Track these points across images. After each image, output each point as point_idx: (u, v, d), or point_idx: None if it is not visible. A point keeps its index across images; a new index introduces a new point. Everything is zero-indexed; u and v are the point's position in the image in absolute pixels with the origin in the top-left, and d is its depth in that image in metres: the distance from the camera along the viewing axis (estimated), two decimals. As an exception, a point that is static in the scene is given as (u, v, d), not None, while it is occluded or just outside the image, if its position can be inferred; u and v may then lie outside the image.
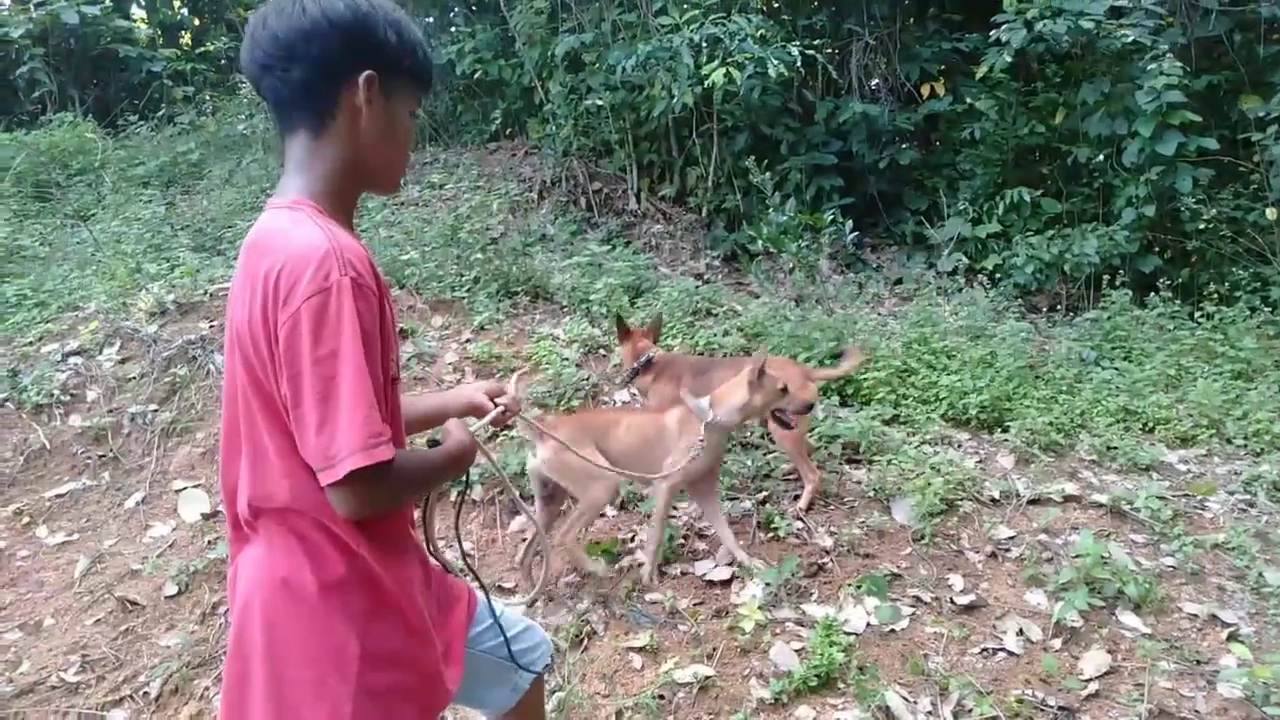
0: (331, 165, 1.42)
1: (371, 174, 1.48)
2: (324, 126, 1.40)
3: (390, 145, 1.46)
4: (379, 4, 1.40)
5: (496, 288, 5.56)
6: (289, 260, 1.28)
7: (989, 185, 7.02)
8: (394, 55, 1.41)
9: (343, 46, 1.37)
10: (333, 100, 1.39)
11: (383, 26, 1.39)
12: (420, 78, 1.48)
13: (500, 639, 1.79)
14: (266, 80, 1.40)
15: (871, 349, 4.75)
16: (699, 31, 6.40)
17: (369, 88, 1.39)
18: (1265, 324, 5.34)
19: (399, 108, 1.45)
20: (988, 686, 2.75)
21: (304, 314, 1.25)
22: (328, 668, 1.39)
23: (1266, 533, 3.43)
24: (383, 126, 1.43)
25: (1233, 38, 6.81)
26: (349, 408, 1.25)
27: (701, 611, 3.18)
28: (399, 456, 1.32)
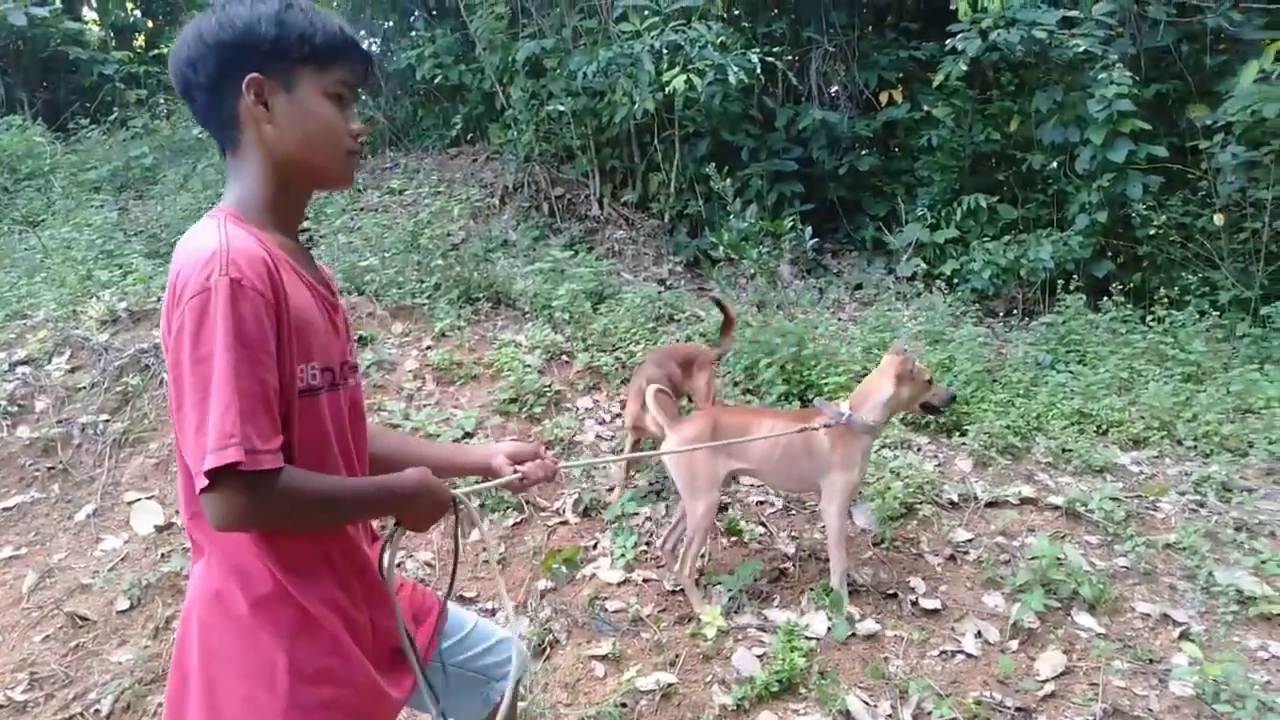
0: (253, 176, 1.40)
1: (304, 176, 1.44)
2: (236, 141, 1.39)
3: (312, 138, 1.40)
4: (260, 7, 1.35)
5: (458, 294, 5.52)
6: (182, 265, 1.26)
7: (946, 191, 7.13)
8: (279, 49, 1.35)
9: (222, 61, 1.34)
10: (231, 115, 1.37)
11: (258, 24, 1.34)
12: (327, 59, 1.39)
13: (472, 651, 1.77)
14: (191, 109, 1.43)
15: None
16: (660, 38, 6.42)
17: (254, 91, 1.35)
18: (1214, 327, 5.47)
19: (308, 97, 1.39)
20: (946, 689, 2.78)
21: (187, 315, 1.22)
22: (258, 683, 1.37)
23: (1216, 532, 3.51)
24: (291, 124, 1.38)
25: (1180, 48, 6.98)
26: (217, 410, 1.20)
27: (664, 618, 3.18)
28: (293, 474, 1.27)
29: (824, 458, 3.08)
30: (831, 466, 3.08)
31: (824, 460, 3.09)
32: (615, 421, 4.57)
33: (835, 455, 3.07)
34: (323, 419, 1.39)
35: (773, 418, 3.33)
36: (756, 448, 3.13)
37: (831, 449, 3.08)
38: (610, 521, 3.72)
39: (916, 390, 3.11)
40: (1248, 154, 5.87)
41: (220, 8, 1.36)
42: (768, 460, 3.16)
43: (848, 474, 3.07)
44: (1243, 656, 2.84)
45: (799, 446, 3.10)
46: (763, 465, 3.18)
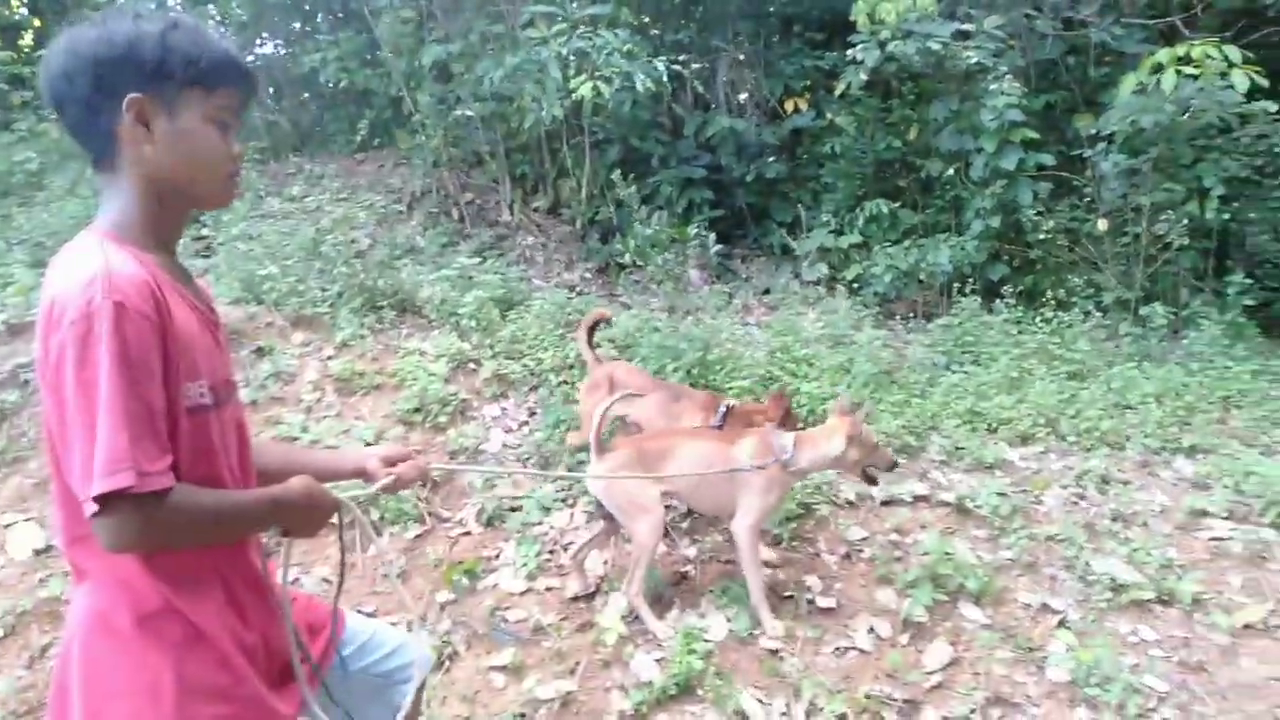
0: (129, 195, 1.38)
1: (182, 197, 1.43)
2: (111, 159, 1.37)
3: (191, 160, 1.39)
4: (145, 21, 1.34)
5: (361, 302, 5.41)
6: (61, 288, 1.25)
7: (850, 198, 7.30)
8: (163, 70, 1.33)
9: (100, 77, 1.32)
10: (107, 132, 1.35)
11: (142, 44, 1.32)
12: (212, 83, 1.38)
13: (373, 657, 1.78)
14: (62, 121, 1.39)
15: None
16: (566, 45, 6.42)
17: (135, 112, 1.33)
18: (1097, 327, 5.74)
19: (191, 120, 1.37)
20: (839, 684, 2.85)
21: (69, 339, 1.22)
22: (144, 700, 1.35)
23: (1094, 523, 3.68)
24: (172, 147, 1.37)
25: (1067, 61, 7.31)
26: (105, 433, 1.20)
27: (565, 626, 3.19)
28: (182, 491, 1.27)
29: (744, 479, 3.09)
30: (751, 488, 3.09)
31: (743, 481, 3.09)
32: (522, 429, 4.55)
33: (757, 478, 3.07)
34: (211, 436, 1.40)
35: (695, 438, 3.32)
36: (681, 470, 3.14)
37: (753, 477, 3.08)
38: (515, 530, 3.71)
39: (863, 454, 3.08)
40: (1128, 162, 6.17)
41: (101, 21, 1.33)
42: (691, 483, 3.16)
43: (765, 498, 3.08)
44: (1114, 641, 3.00)
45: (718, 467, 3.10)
46: (686, 486, 3.18)
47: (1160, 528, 3.68)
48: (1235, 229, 6.29)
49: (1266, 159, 6.09)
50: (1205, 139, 6.07)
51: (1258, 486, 3.77)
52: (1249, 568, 3.41)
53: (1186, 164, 6.07)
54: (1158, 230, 6.05)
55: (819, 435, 3.13)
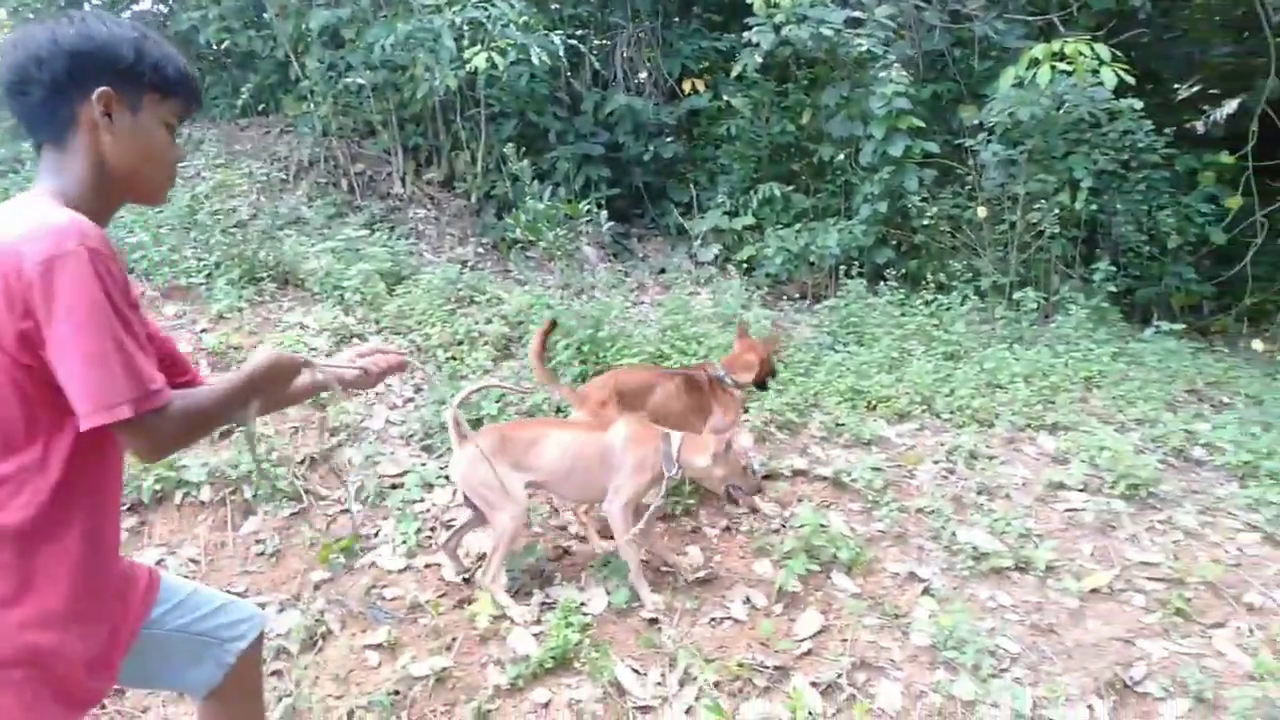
0: (76, 176, 1.50)
1: (125, 187, 1.56)
2: (65, 142, 1.49)
3: (142, 158, 1.54)
4: (118, 25, 1.50)
5: (239, 274, 5.21)
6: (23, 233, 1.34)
7: (745, 180, 7.41)
8: (133, 71, 1.49)
9: (73, 67, 1.45)
10: (70, 117, 1.47)
11: (117, 45, 1.47)
12: (170, 91, 1.55)
13: (192, 616, 1.78)
14: (12, 103, 1.50)
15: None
16: (461, 14, 6.28)
17: (103, 104, 1.47)
18: (974, 310, 5.99)
19: (149, 120, 1.53)
20: (713, 653, 2.90)
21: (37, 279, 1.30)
22: None
23: (961, 496, 3.85)
24: (129, 140, 1.51)
25: (953, 53, 7.57)
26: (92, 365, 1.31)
27: (444, 604, 3.15)
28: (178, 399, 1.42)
29: (616, 463, 3.09)
30: (620, 470, 3.09)
31: (614, 464, 3.10)
32: (407, 406, 4.46)
33: (627, 460, 3.08)
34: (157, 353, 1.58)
35: (561, 428, 3.30)
36: (547, 460, 3.10)
37: (624, 453, 3.09)
38: (396, 506, 3.64)
39: (729, 472, 3.11)
40: (1006, 152, 6.43)
41: (80, 20, 1.48)
42: (558, 472, 3.12)
43: (637, 478, 3.08)
44: (974, 607, 3.14)
45: (592, 457, 3.10)
46: (553, 477, 3.13)
47: (1022, 500, 3.87)
48: (1102, 219, 6.66)
49: (1131, 154, 6.46)
50: (1077, 133, 6.38)
51: (1110, 461, 4.01)
52: (1099, 536, 3.62)
53: (1059, 156, 6.37)
54: (1032, 219, 6.34)
55: (695, 443, 3.15)
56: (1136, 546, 3.55)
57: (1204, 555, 3.46)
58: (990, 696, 2.68)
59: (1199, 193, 6.84)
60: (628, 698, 2.71)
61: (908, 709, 2.70)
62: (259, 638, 1.94)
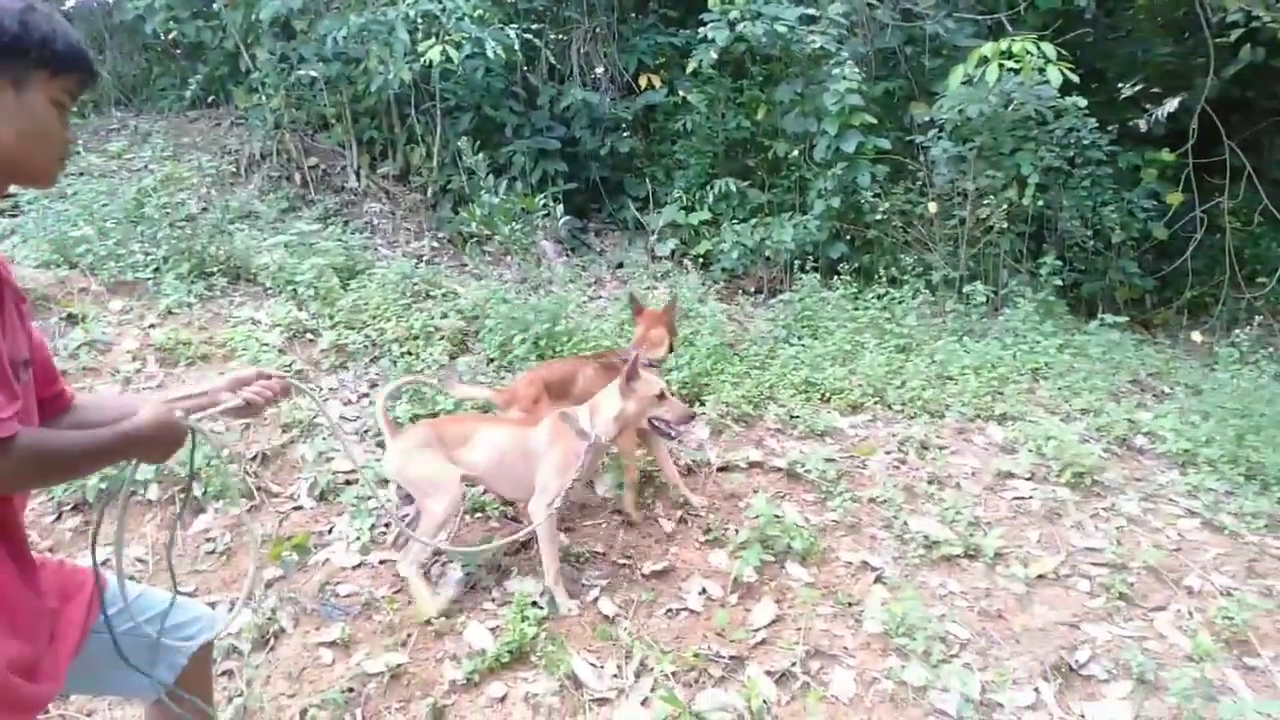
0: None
1: (10, 170, 1.45)
2: None
3: (32, 138, 1.43)
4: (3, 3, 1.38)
5: (189, 268, 5.11)
6: None
7: (702, 175, 7.44)
8: (20, 48, 1.38)
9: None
10: None
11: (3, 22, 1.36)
12: (57, 67, 1.43)
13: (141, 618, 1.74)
14: None
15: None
16: (415, 7, 6.22)
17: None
18: (925, 304, 6.09)
19: (35, 99, 1.42)
20: (669, 645, 2.92)
21: None
22: None
23: (912, 485, 3.91)
24: (16, 120, 1.40)
25: (905, 50, 7.67)
26: None
27: (399, 599, 3.13)
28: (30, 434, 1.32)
29: (539, 457, 3.07)
30: (545, 465, 3.06)
31: (539, 458, 3.08)
32: (361, 402, 4.42)
33: (551, 456, 3.06)
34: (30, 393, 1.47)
35: (492, 424, 3.29)
36: (479, 456, 3.09)
37: (550, 447, 3.07)
38: (350, 503, 3.60)
39: (644, 405, 3.04)
40: (956, 149, 6.55)
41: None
42: (489, 468, 3.12)
43: (562, 476, 3.03)
44: (924, 594, 3.20)
45: (517, 451, 3.09)
46: (485, 473, 3.14)
47: (971, 489, 3.95)
48: (1049, 215, 6.80)
49: (1076, 150, 6.61)
50: (1024, 130, 6.51)
51: (1056, 450, 4.11)
52: (1045, 523, 3.71)
53: (1007, 153, 6.49)
54: (981, 214, 6.46)
55: (600, 397, 3.11)
56: (1081, 533, 3.64)
57: (1146, 541, 3.56)
58: (940, 681, 2.74)
59: (1141, 189, 7.03)
60: (584, 690, 2.72)
61: (860, 695, 2.75)
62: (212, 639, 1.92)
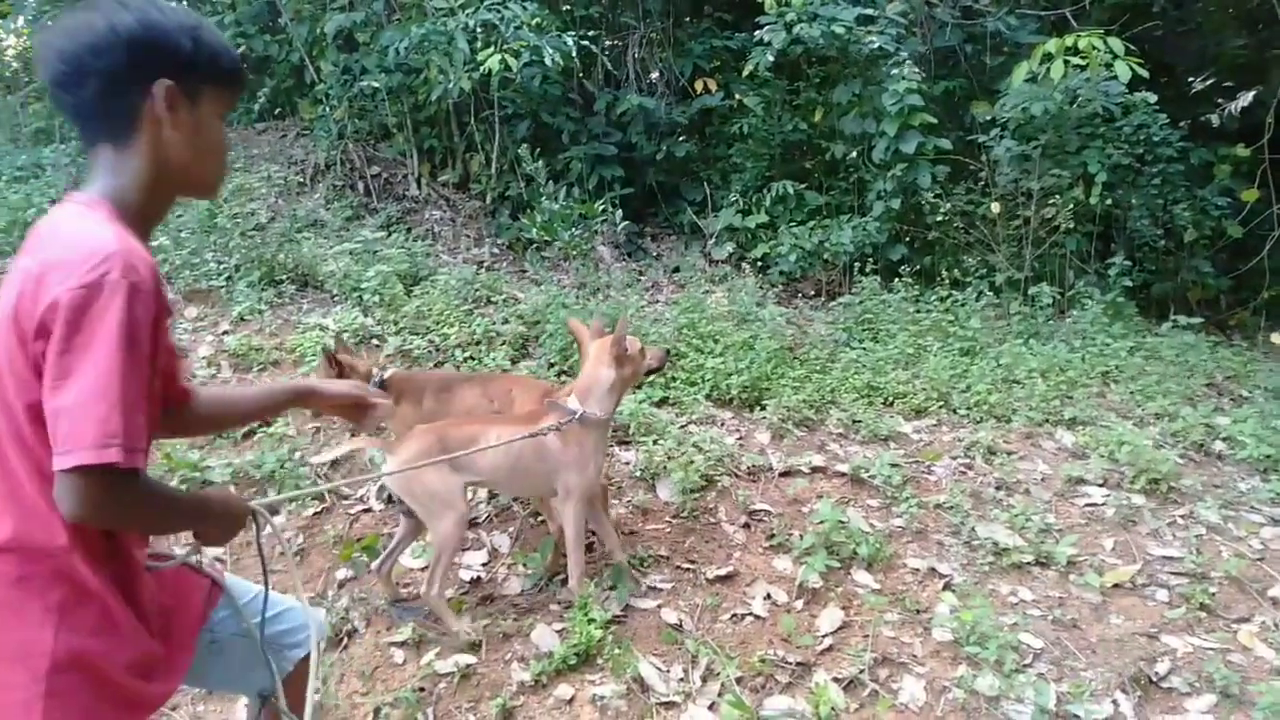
0: (137, 175, 1.42)
1: (184, 181, 1.49)
2: (126, 138, 1.40)
3: (201, 151, 1.47)
4: (173, 12, 1.41)
5: (259, 276, 5.26)
6: (66, 251, 1.27)
7: (758, 178, 7.40)
8: (193, 61, 1.42)
9: (134, 58, 1.36)
10: (132, 112, 1.39)
11: (177, 34, 1.39)
12: (226, 81, 1.49)
13: (254, 621, 1.77)
14: (63, 97, 1.41)
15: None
16: (474, 16, 6.31)
17: (168, 97, 1.39)
18: (989, 306, 5.98)
19: (206, 113, 1.46)
20: (735, 650, 2.92)
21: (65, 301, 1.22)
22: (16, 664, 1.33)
23: (979, 492, 3.85)
24: (189, 133, 1.44)
25: (965, 49, 7.55)
26: (102, 405, 1.22)
27: (466, 600, 3.18)
28: (147, 479, 1.32)
29: (556, 458, 2.96)
30: (564, 466, 2.96)
31: (556, 461, 2.96)
32: (426, 405, 4.49)
33: (568, 454, 2.95)
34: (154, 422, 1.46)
35: (500, 425, 3.15)
36: (486, 458, 2.92)
37: (564, 448, 2.95)
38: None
39: (635, 365, 3.04)
40: (1020, 148, 6.43)
41: (136, 7, 1.37)
42: (499, 470, 2.98)
43: (582, 472, 2.96)
44: (995, 602, 3.14)
45: (530, 452, 2.94)
46: (495, 475, 3.02)
47: (1041, 495, 3.87)
48: (1117, 214, 6.63)
49: (1146, 148, 6.43)
50: (1091, 127, 6.36)
51: (1130, 455, 4.00)
52: (1120, 531, 3.62)
53: (1073, 151, 6.35)
54: (1046, 214, 6.33)
55: (589, 375, 3.01)
56: (1158, 541, 3.54)
57: (1227, 550, 3.46)
58: (1014, 692, 2.68)
59: (1214, 186, 6.82)
60: (651, 694, 2.72)
61: (931, 704, 2.71)
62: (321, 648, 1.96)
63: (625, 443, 4.19)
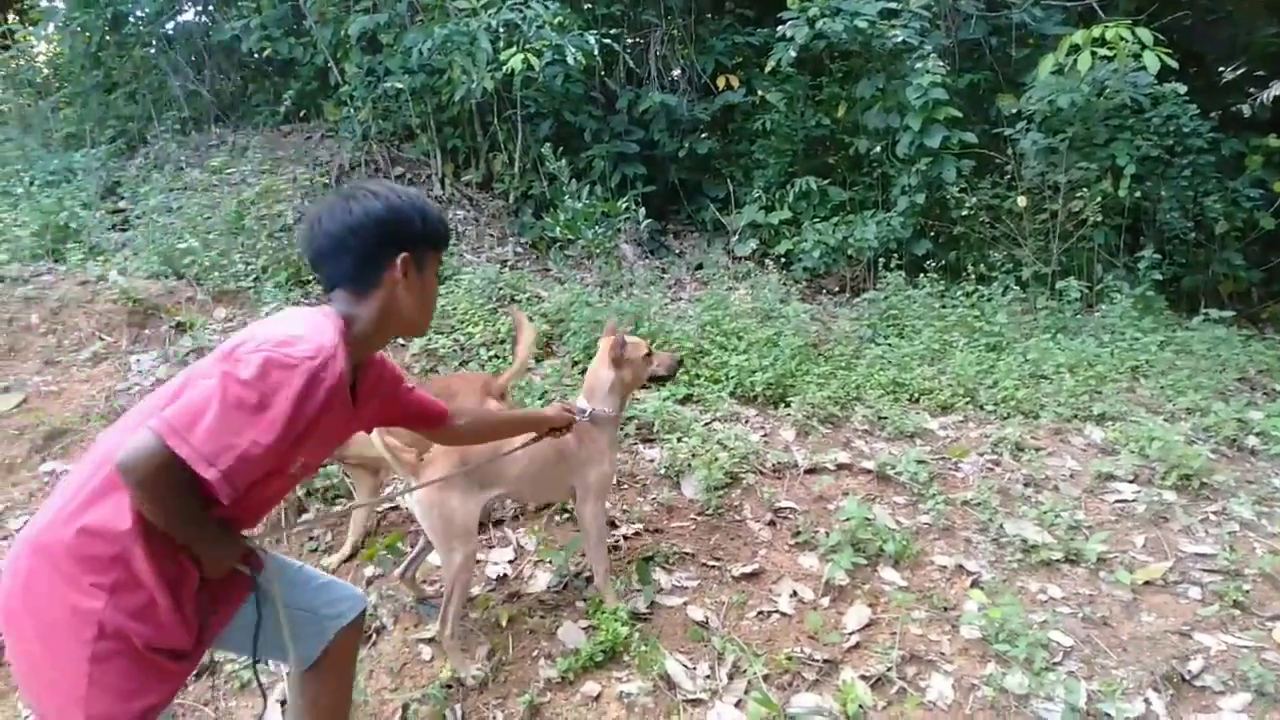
0: (369, 316, 1.75)
1: (406, 325, 1.83)
2: (365, 292, 1.75)
3: (423, 303, 1.83)
4: (407, 195, 1.77)
5: (286, 276, 5.31)
6: (291, 328, 1.57)
7: (781, 174, 7.38)
8: (422, 235, 1.77)
9: (382, 235, 1.72)
10: (376, 277, 1.74)
11: (412, 214, 1.74)
12: (442, 245, 1.86)
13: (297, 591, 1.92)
14: (324, 265, 1.75)
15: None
16: (496, 16, 6.34)
17: (405, 266, 1.74)
18: (1015, 300, 5.93)
19: (428, 274, 1.82)
20: (761, 647, 2.91)
21: (255, 358, 1.48)
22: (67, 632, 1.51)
23: (1007, 488, 3.82)
24: (418, 292, 1.80)
25: (990, 41, 7.48)
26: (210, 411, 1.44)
27: (493, 598, 3.19)
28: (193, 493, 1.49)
29: (574, 458, 2.97)
30: (581, 464, 2.98)
31: (574, 460, 2.98)
32: (451, 404, 4.52)
33: (584, 452, 2.97)
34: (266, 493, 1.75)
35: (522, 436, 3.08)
36: (511, 468, 2.87)
37: (579, 447, 2.96)
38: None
39: (638, 368, 3.07)
40: (1046, 141, 6.36)
41: (384, 196, 1.73)
42: (523, 478, 2.93)
43: (599, 468, 2.99)
44: (1024, 600, 3.12)
45: (551, 455, 2.93)
46: (519, 484, 2.97)
47: (1070, 491, 3.83)
48: (1146, 207, 6.55)
49: (1176, 139, 6.34)
50: (1119, 119, 6.29)
51: (1160, 451, 3.95)
52: (1151, 528, 3.57)
53: (1101, 143, 6.28)
54: (1074, 207, 6.26)
55: (593, 375, 3.04)
56: (1190, 538, 3.50)
57: (1261, 546, 3.41)
58: (1044, 690, 2.66)
59: (1246, 177, 6.71)
60: (677, 691, 2.73)
61: (960, 702, 2.69)
62: (359, 618, 2.05)
63: (650, 440, 4.20)
